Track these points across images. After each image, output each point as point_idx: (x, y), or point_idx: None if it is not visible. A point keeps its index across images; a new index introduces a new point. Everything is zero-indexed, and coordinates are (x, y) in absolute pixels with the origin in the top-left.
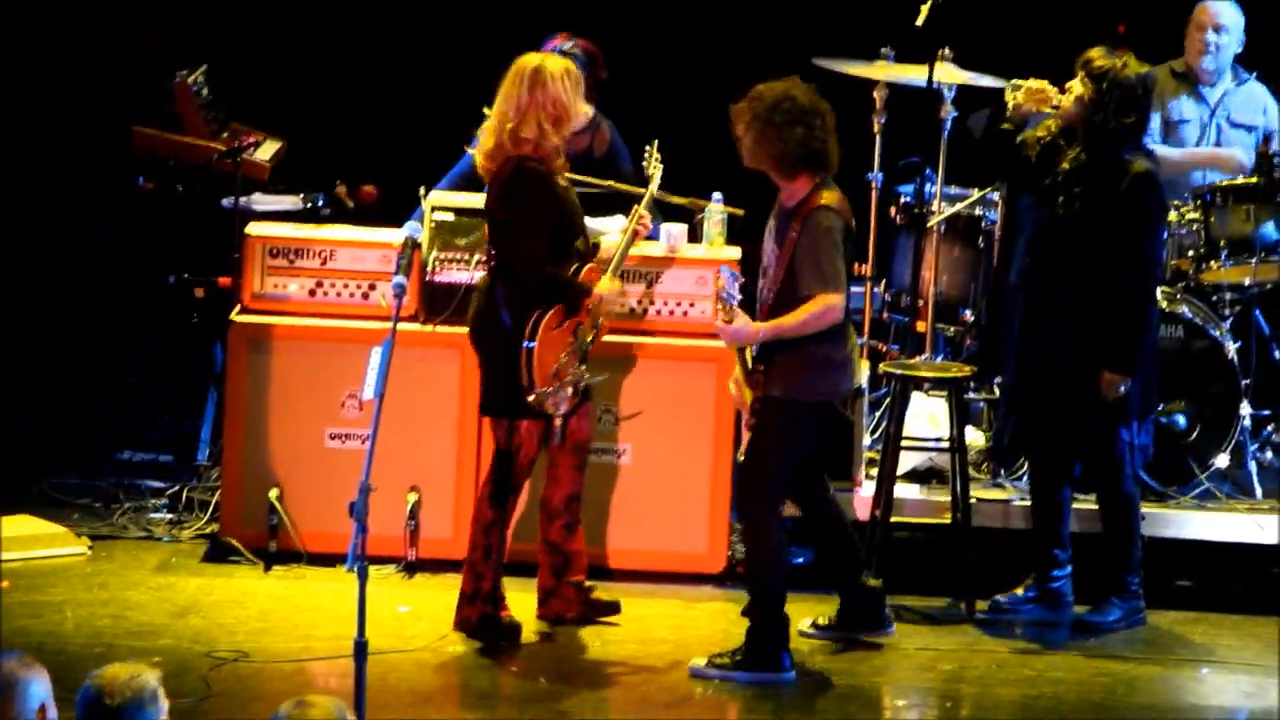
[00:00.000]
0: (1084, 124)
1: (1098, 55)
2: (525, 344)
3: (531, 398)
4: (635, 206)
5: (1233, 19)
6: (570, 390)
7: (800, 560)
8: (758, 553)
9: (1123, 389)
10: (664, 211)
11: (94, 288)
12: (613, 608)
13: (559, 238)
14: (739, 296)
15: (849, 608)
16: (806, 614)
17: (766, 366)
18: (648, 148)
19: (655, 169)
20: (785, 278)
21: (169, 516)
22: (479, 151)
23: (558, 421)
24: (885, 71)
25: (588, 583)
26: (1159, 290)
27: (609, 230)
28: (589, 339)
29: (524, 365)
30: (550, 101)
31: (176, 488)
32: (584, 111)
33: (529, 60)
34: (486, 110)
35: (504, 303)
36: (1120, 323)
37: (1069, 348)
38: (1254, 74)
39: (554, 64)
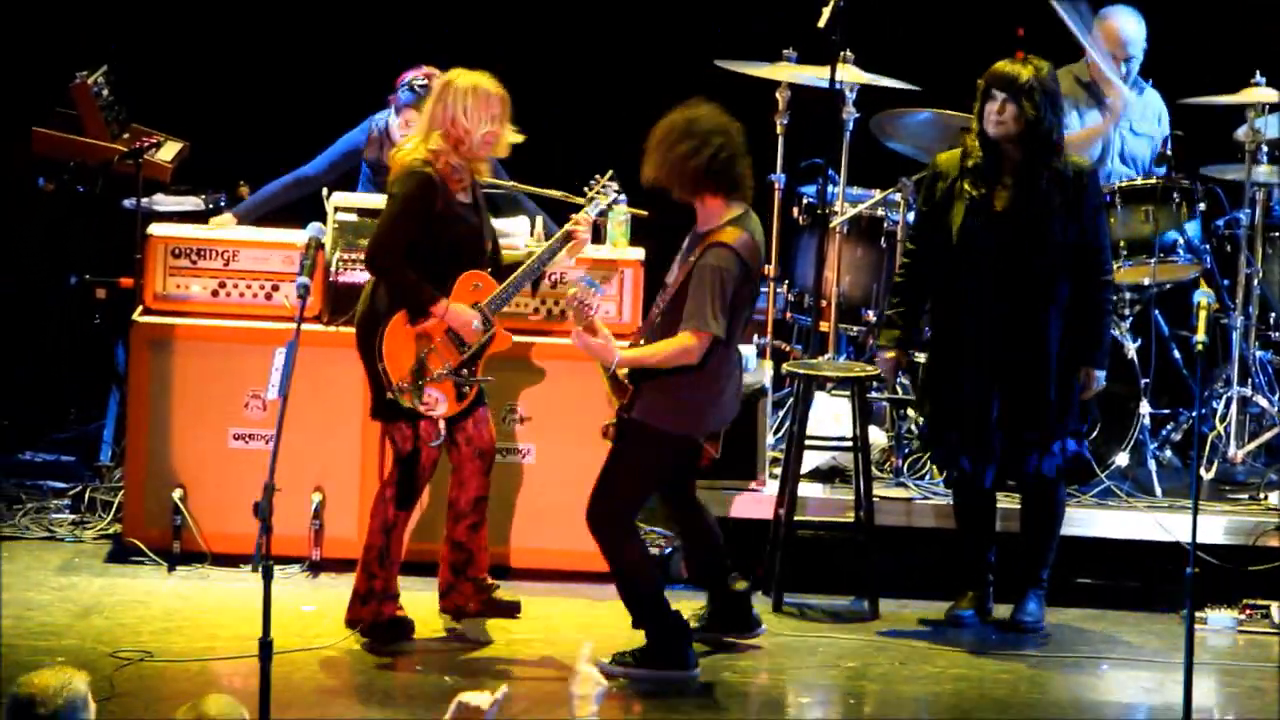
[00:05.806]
0: (1023, 137)
1: (1016, 70)
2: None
3: (389, 394)
4: (573, 215)
5: (1138, 38)
6: (450, 390)
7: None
8: (620, 565)
9: (1097, 386)
10: (568, 209)
11: None
12: (513, 608)
13: (434, 253)
14: (597, 306)
15: (718, 609)
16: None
17: (636, 385)
18: (597, 175)
19: (602, 195)
20: (675, 300)
21: (72, 517)
22: (394, 154)
23: (440, 422)
24: (787, 72)
25: (490, 580)
26: None
27: (515, 233)
28: (479, 342)
29: (376, 358)
30: (449, 119)
31: (79, 488)
32: (505, 138)
33: (445, 75)
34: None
35: (376, 299)
36: (1099, 318)
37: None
38: (1149, 81)
39: (462, 80)
